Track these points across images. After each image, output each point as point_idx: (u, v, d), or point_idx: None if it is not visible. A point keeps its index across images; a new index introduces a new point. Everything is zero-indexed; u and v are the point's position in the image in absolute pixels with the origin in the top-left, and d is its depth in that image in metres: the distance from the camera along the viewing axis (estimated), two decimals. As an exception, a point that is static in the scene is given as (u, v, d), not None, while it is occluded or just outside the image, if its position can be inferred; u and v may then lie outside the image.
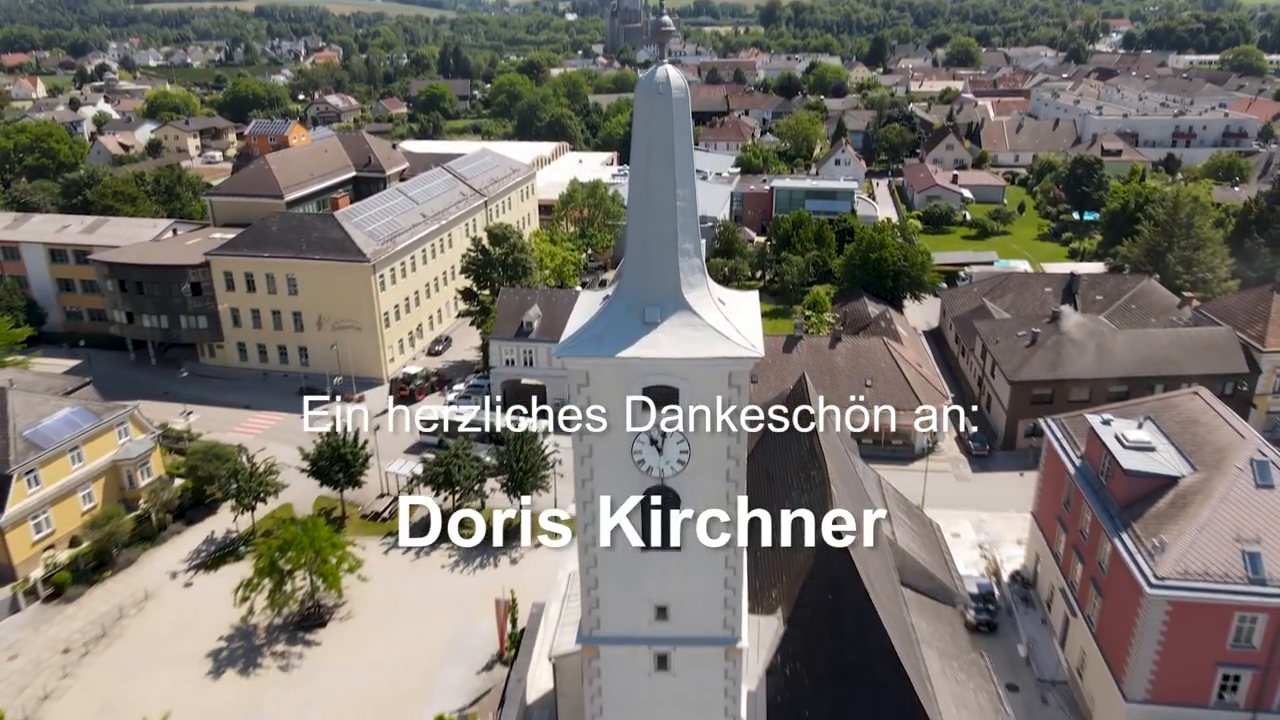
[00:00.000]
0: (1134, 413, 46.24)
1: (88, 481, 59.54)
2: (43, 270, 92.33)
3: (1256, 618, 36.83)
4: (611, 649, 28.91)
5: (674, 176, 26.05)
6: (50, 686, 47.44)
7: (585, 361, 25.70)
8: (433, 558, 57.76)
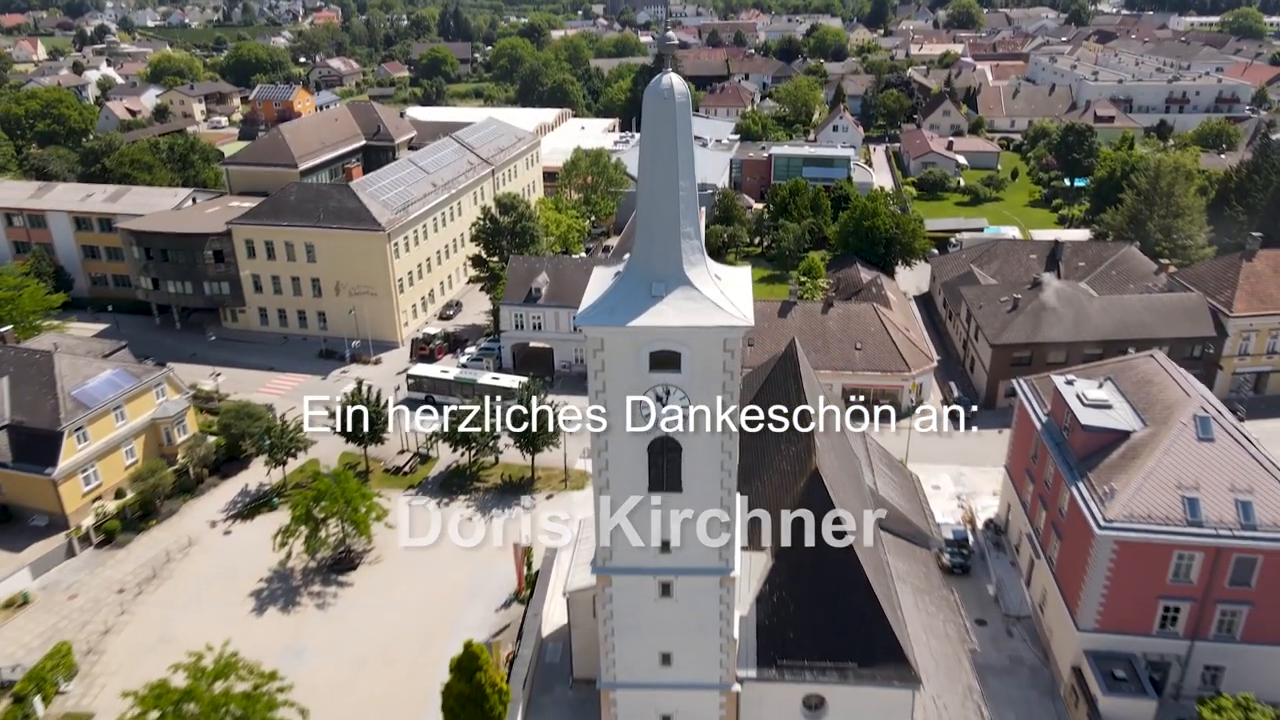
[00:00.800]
0: (1096, 374, 50.58)
1: (130, 438, 64.02)
2: (68, 238, 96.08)
3: (1194, 556, 41.40)
4: (622, 578, 33.45)
5: (676, 169, 30.01)
6: (110, 622, 52.30)
7: (601, 330, 29.88)
8: (452, 508, 62.56)
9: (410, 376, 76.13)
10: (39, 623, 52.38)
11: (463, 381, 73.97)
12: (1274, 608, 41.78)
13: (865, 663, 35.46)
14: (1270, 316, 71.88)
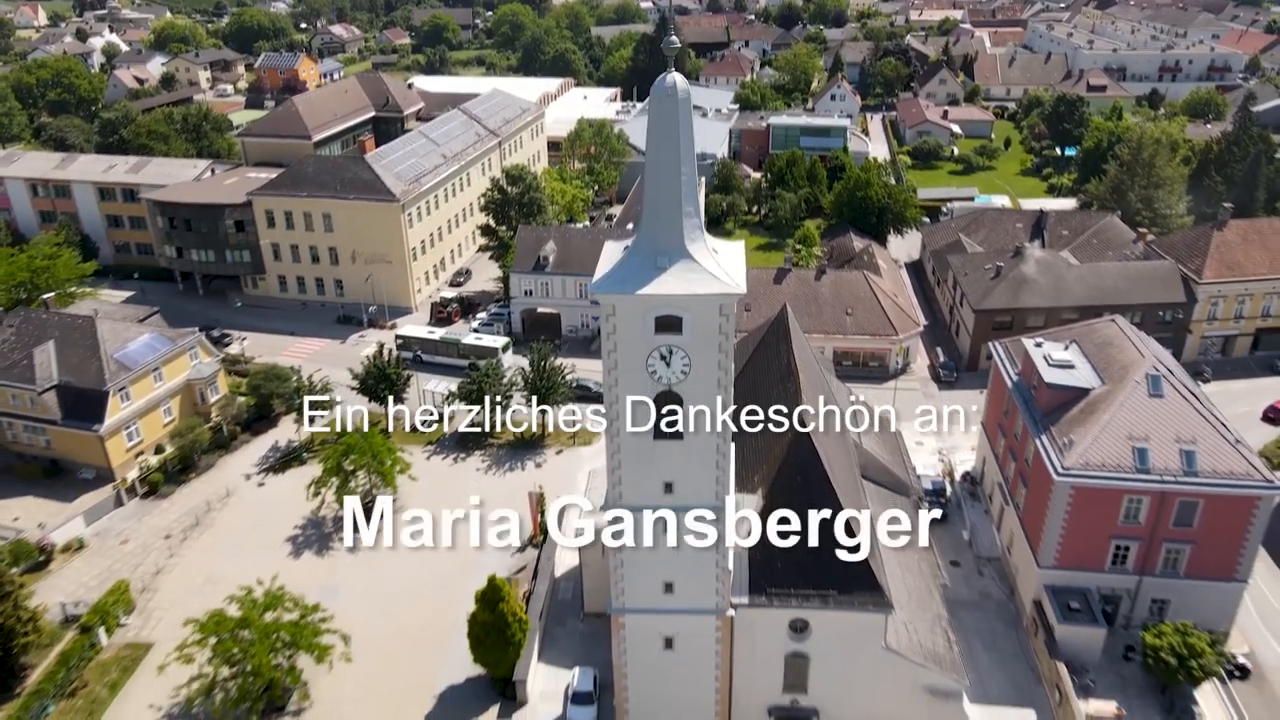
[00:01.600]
0: (1063, 337, 55.01)
1: (167, 398, 68.67)
2: (93, 207, 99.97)
3: (1142, 500, 46.13)
4: (631, 515, 38.01)
5: (679, 157, 34.08)
6: (160, 564, 57.26)
7: (613, 297, 34.23)
8: (469, 462, 67.38)
9: (398, 336, 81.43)
10: (95, 565, 57.34)
11: (447, 341, 79.41)
12: (1213, 547, 46.60)
13: (844, 590, 40.25)
14: (1237, 283, 76.16)
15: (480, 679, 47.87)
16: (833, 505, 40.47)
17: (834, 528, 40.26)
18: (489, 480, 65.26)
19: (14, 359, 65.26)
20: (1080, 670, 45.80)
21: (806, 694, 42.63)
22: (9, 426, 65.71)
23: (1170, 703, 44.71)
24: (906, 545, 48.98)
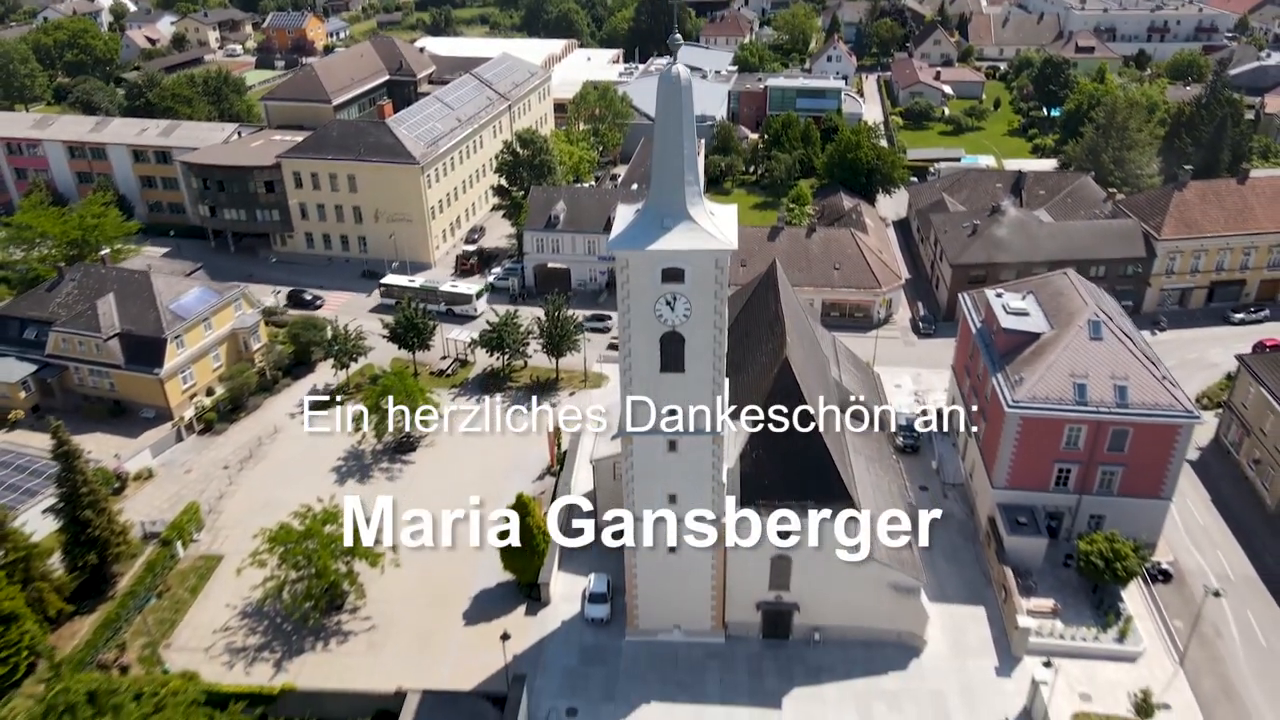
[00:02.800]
0: (1022, 288, 61.86)
1: (215, 346, 75.65)
2: (127, 169, 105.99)
3: (1080, 428, 53.34)
4: (640, 438, 45.15)
5: (682, 134, 40.55)
6: (222, 490, 64.74)
7: (627, 252, 40.98)
8: (489, 404, 74.53)
9: (381, 284, 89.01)
10: (164, 491, 64.79)
11: (426, 289, 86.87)
12: (1142, 469, 53.92)
13: (821, 501, 47.51)
14: (1194, 240, 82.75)
15: (509, 584, 55.45)
16: (813, 433, 47.72)
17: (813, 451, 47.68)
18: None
19: (79, 310, 72.18)
20: (1025, 574, 53.36)
21: (789, 591, 50.14)
22: (76, 371, 72.77)
23: (1100, 600, 52.28)
24: (879, 469, 56.51)
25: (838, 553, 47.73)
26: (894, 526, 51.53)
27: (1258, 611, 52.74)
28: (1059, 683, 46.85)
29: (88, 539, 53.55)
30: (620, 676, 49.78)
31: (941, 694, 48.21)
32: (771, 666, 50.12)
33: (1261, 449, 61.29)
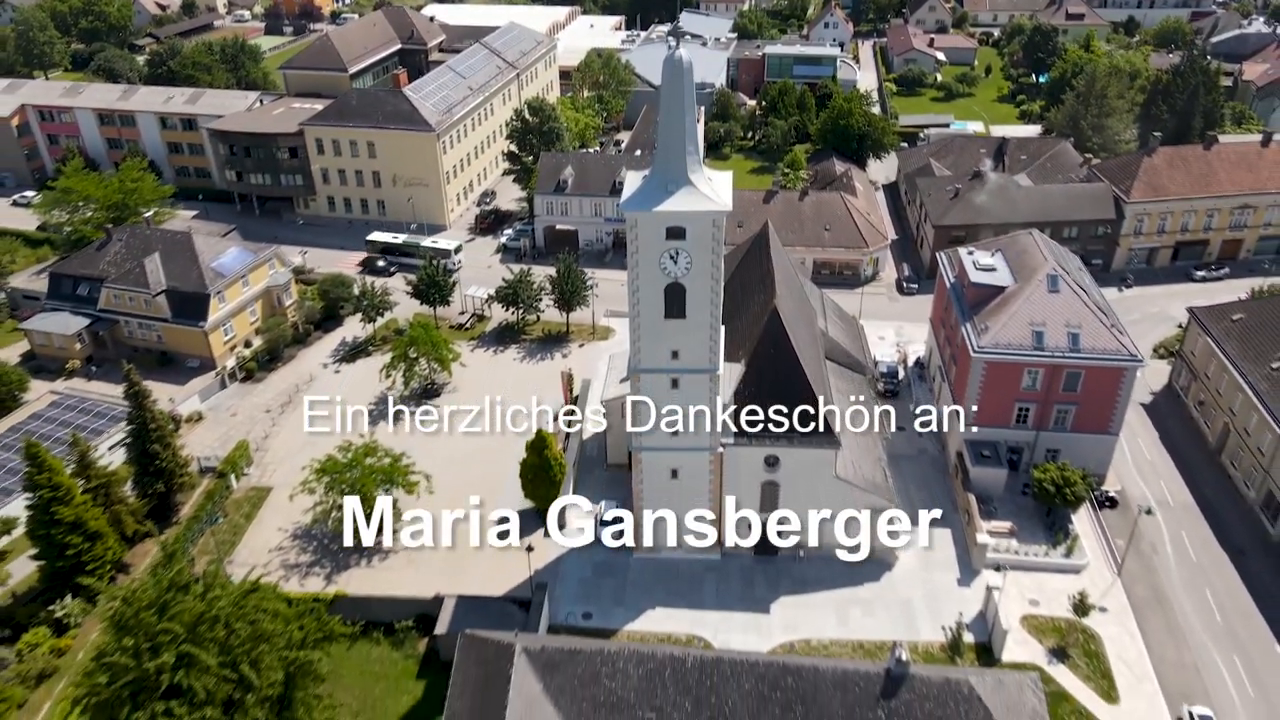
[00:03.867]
0: (992, 247, 68.05)
1: (252, 301, 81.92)
2: (155, 135, 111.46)
3: (1038, 371, 59.82)
4: (647, 375, 51.65)
5: (684, 110, 46.51)
6: (266, 430, 71.43)
7: (636, 213, 47.15)
8: (507, 353, 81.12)
9: (368, 240, 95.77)
10: (214, 431, 71.45)
11: (409, 244, 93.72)
12: (1093, 407, 60.48)
13: (804, 432, 54.09)
14: (1161, 203, 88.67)
15: (529, 510, 62.20)
16: (798, 372, 54.29)
17: (799, 388, 54.26)
18: (525, 367, 79.21)
19: (128, 268, 78.36)
20: (986, 500, 60.18)
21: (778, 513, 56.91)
22: (126, 324, 79.13)
23: (1052, 522, 59.12)
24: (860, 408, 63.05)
25: (820, 478, 54.76)
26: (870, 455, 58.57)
27: (1190, 532, 59.69)
28: (1012, 590, 53.90)
29: (155, 470, 60.36)
30: (629, 586, 56.77)
31: (909, 601, 55.18)
32: (761, 579, 57.08)
33: (1206, 392, 67.91)
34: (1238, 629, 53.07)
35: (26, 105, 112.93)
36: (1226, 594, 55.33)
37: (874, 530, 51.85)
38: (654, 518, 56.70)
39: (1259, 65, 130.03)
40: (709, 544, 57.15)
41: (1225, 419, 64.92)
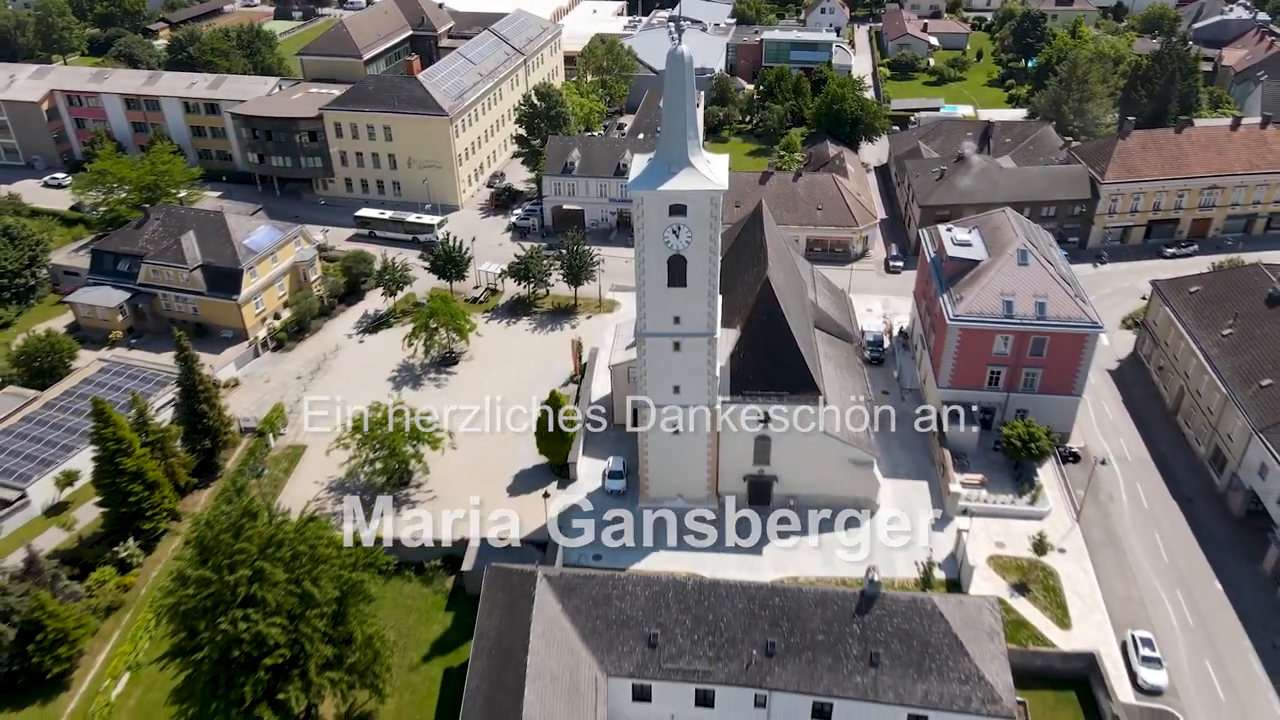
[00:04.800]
0: (969, 224, 73.60)
1: (280, 277, 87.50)
2: (179, 119, 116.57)
3: (1008, 338, 65.51)
4: (651, 339, 57.33)
5: (685, 99, 51.98)
6: (298, 395, 77.18)
7: (643, 192, 52.67)
8: (519, 324, 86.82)
9: (355, 216, 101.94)
10: (250, 396, 77.24)
11: (394, 219, 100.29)
12: (1057, 371, 66.20)
13: (793, 392, 59.83)
14: (1133, 184, 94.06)
15: (543, 465, 68.02)
16: (788, 338, 60.04)
17: (789, 353, 60.04)
18: (536, 337, 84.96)
19: (165, 245, 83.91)
20: (960, 455, 66.03)
21: (770, 465, 62.68)
22: (164, 297, 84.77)
23: (1019, 474, 65.01)
24: (848, 374, 68.80)
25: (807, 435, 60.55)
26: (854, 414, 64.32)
27: (1145, 483, 65.64)
28: (980, 534, 59.89)
29: (203, 427, 66.21)
30: (635, 532, 62.33)
31: (889, 545, 60.90)
32: (755, 525, 62.58)
33: (1165, 358, 73.68)
34: (1182, 567, 59.08)
35: (55, 90, 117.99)
36: (1174, 537, 61.30)
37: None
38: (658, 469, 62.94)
39: (1238, 51, 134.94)
40: (706, 494, 63.18)
41: (1181, 382, 70.73)
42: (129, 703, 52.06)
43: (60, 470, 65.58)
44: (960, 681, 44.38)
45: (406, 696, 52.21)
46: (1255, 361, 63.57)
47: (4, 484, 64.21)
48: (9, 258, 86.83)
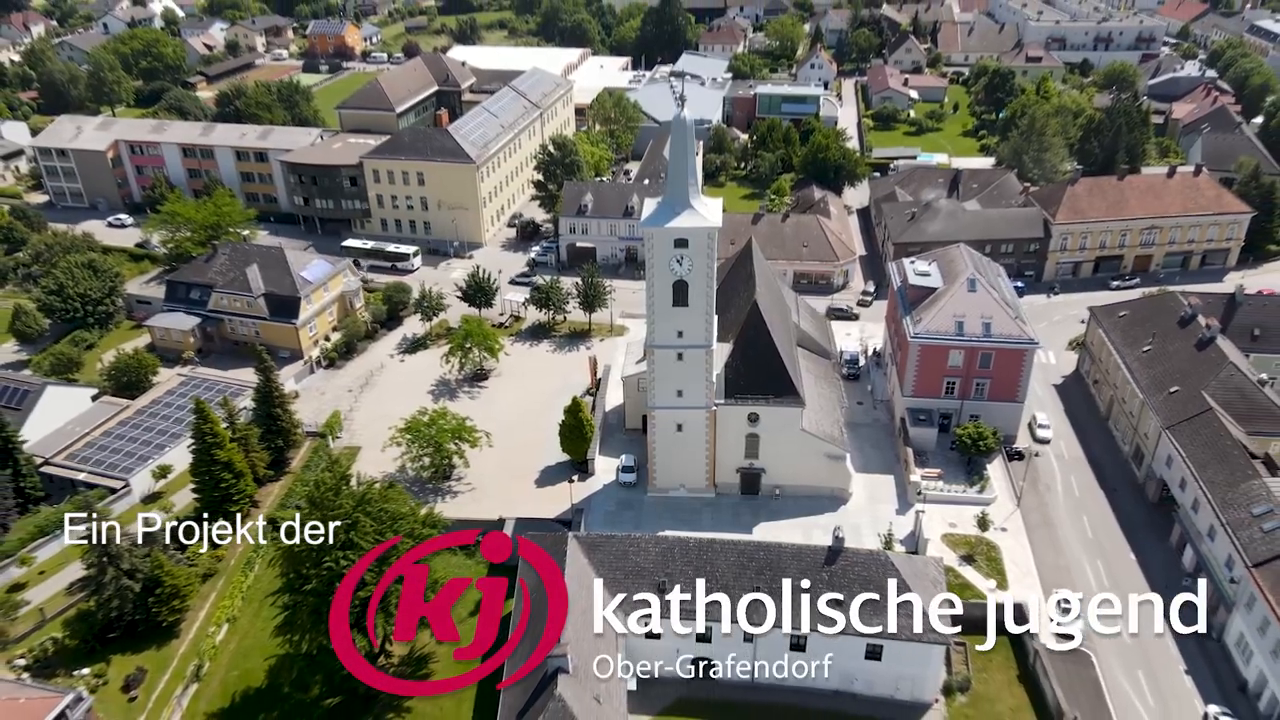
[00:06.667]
0: (929, 257, 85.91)
1: (331, 304, 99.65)
2: (231, 166, 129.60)
3: (961, 352, 77.43)
4: (659, 350, 69.17)
5: (686, 153, 64.43)
6: (350, 405, 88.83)
7: (653, 229, 64.88)
8: (540, 345, 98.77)
9: (342, 246, 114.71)
10: (308, 406, 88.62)
11: (375, 249, 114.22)
12: (1003, 381, 77.92)
13: (777, 396, 71.52)
14: (1081, 224, 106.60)
15: (565, 462, 79.41)
16: (774, 352, 71.96)
17: (774, 363, 71.91)
18: (556, 356, 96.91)
19: (233, 276, 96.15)
20: (920, 453, 77.51)
21: (758, 459, 74.12)
22: (230, 322, 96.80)
23: (970, 468, 76.46)
24: (826, 386, 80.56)
25: (790, 431, 72.17)
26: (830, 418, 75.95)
27: (1077, 476, 77.09)
28: (936, 516, 71.23)
29: (276, 429, 77.81)
30: (644, 516, 73.80)
31: (858, 525, 72.08)
32: (746, 510, 74.14)
33: (1099, 372, 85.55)
34: (1103, 542, 70.35)
35: (119, 140, 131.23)
36: (1099, 519, 72.63)
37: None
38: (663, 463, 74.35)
39: (1187, 105, 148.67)
40: (705, 484, 74.61)
41: (1111, 392, 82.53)
42: (229, 647, 63.09)
43: (156, 464, 77.01)
44: (907, 617, 55.52)
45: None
46: (1167, 372, 75.43)
47: (110, 475, 75.65)
48: (94, 288, 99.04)
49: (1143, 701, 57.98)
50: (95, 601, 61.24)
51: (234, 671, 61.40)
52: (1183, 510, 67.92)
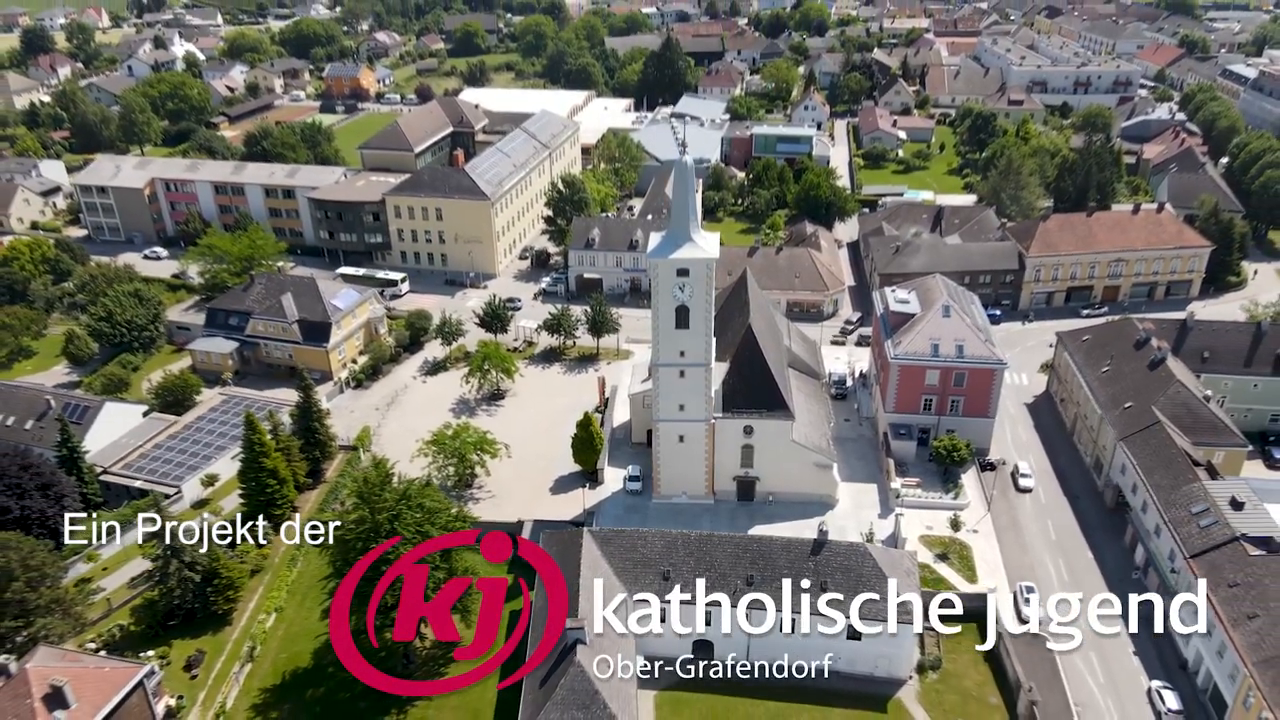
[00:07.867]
0: (908, 286, 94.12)
1: (358, 330, 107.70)
2: (260, 202, 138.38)
3: (937, 372, 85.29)
4: (663, 368, 76.98)
5: (687, 193, 72.82)
6: (378, 422, 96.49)
7: (657, 260, 73.00)
8: (553, 369, 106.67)
9: (338, 273, 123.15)
10: (338, 422, 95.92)
11: (366, 276, 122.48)
12: (975, 398, 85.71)
13: (770, 410, 79.21)
14: (1052, 257, 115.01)
15: (577, 472, 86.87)
16: (764, 365, 79.84)
17: (767, 381, 79.80)
18: (566, 378, 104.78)
19: (269, 303, 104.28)
20: (901, 464, 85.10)
21: (753, 468, 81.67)
22: (265, 345, 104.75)
23: (946, 477, 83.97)
24: (816, 403, 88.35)
25: (782, 442, 79.78)
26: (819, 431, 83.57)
27: (1044, 486, 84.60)
28: (915, 520, 78.64)
29: (314, 441, 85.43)
30: (649, 521, 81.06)
31: (844, 527, 79.43)
32: (742, 515, 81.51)
33: (1065, 391, 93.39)
34: (1065, 543, 77.70)
35: (155, 178, 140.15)
36: (1062, 523, 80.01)
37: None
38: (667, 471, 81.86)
39: (1158, 146, 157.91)
40: (704, 491, 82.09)
41: (1075, 409, 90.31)
42: (278, 633, 70.21)
43: (204, 473, 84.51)
44: (883, 601, 62.78)
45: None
46: (1122, 390, 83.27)
47: (164, 482, 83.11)
48: (139, 315, 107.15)
49: (1094, 678, 65.03)
50: (160, 591, 68.49)
51: (283, 654, 68.48)
52: (1134, 512, 75.41)
